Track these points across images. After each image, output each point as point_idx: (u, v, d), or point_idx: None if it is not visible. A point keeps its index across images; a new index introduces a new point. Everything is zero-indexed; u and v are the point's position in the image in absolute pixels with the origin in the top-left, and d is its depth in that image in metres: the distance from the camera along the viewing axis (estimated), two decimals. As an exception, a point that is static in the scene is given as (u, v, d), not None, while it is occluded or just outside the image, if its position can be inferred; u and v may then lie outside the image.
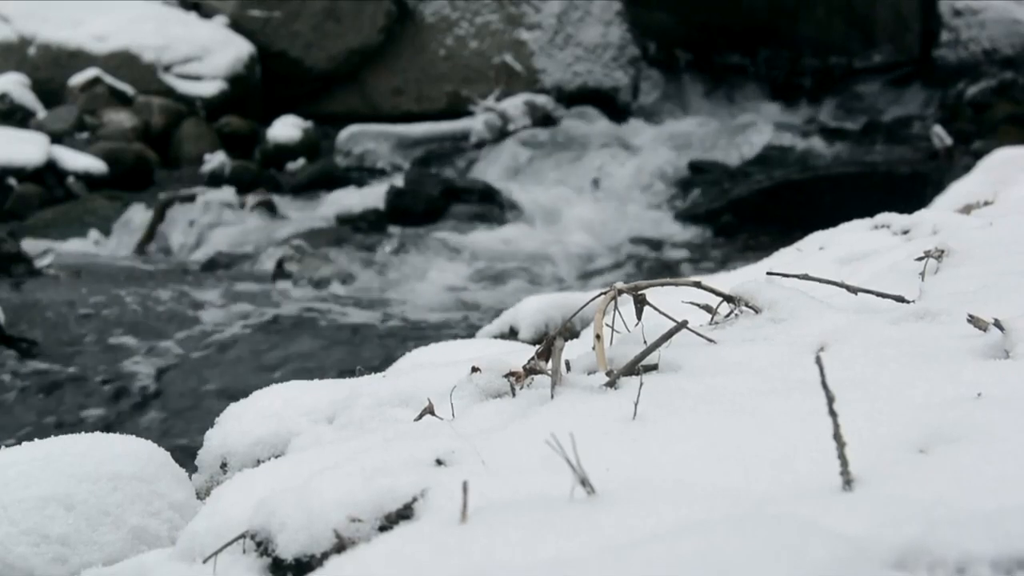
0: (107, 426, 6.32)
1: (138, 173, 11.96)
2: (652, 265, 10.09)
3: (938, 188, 8.22)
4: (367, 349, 7.74)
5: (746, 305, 2.34)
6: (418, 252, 10.14)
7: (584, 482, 1.45)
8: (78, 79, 12.98)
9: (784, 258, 3.91)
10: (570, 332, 3.57)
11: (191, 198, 11.09)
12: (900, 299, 2.33)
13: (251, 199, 11.24)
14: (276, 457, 2.27)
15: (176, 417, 6.65)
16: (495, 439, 1.80)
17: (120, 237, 10.61)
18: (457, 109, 13.88)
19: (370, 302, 8.94)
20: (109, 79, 13.02)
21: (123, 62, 13.35)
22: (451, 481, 1.59)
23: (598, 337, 2.09)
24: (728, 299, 2.39)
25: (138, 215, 10.91)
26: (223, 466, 2.57)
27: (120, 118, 12.63)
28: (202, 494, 2.50)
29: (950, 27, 15.02)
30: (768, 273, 2.55)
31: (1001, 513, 1.23)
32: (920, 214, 3.70)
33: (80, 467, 2.23)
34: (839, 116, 14.27)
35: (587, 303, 2.39)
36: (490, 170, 12.61)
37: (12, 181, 11.06)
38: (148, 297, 8.70)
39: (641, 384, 1.86)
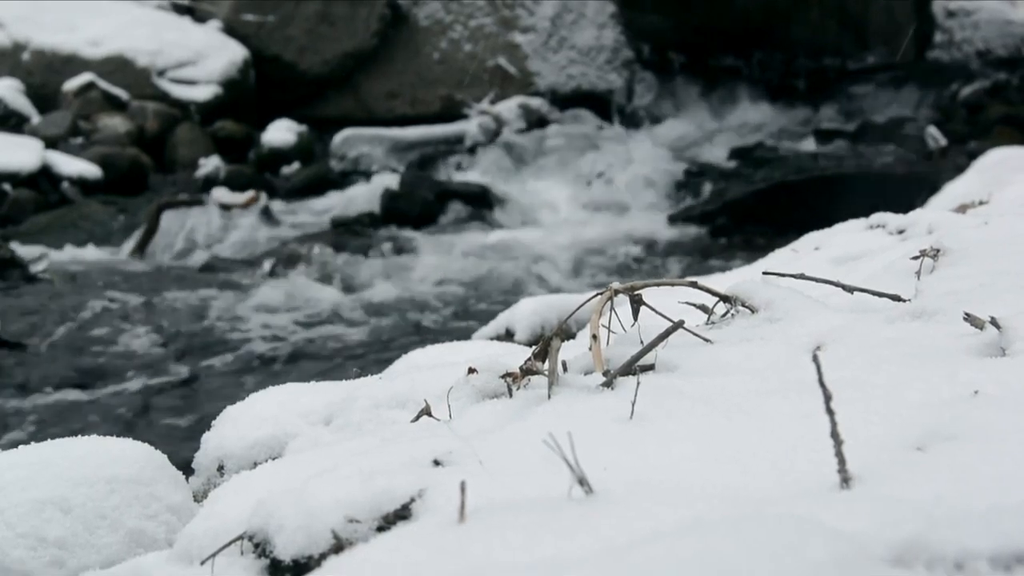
0: (103, 429, 6.31)
1: (133, 178, 11.94)
2: (647, 266, 10.10)
3: (932, 189, 8.22)
4: (363, 351, 7.73)
5: (742, 305, 2.34)
6: (413, 255, 10.14)
7: (582, 482, 1.45)
8: (72, 84, 12.96)
9: (780, 258, 3.91)
10: (566, 333, 3.57)
11: (186, 202, 11.08)
12: (896, 298, 2.33)
13: (246, 202, 11.23)
14: (273, 459, 2.27)
15: (173, 420, 6.64)
16: (492, 440, 1.80)
17: (115, 242, 10.60)
18: (451, 112, 13.88)
19: (365, 305, 8.94)
20: (103, 84, 13.01)
21: (117, 67, 13.34)
22: (449, 482, 1.59)
23: (595, 337, 2.09)
24: (724, 299, 2.39)
25: (133, 220, 10.90)
26: (220, 469, 2.57)
27: (114, 123, 12.61)
28: (199, 497, 2.49)
29: (943, 28, 15.04)
30: (764, 273, 2.55)
31: (999, 510, 1.23)
32: (915, 214, 3.70)
33: (77, 470, 2.23)
34: (833, 117, 14.28)
35: (583, 303, 2.39)
36: (485, 173, 12.61)
37: (7, 186, 11.05)
38: (144, 302, 8.70)
39: (638, 384, 1.86)
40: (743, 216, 11.17)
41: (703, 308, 2.46)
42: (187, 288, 9.20)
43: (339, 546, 1.58)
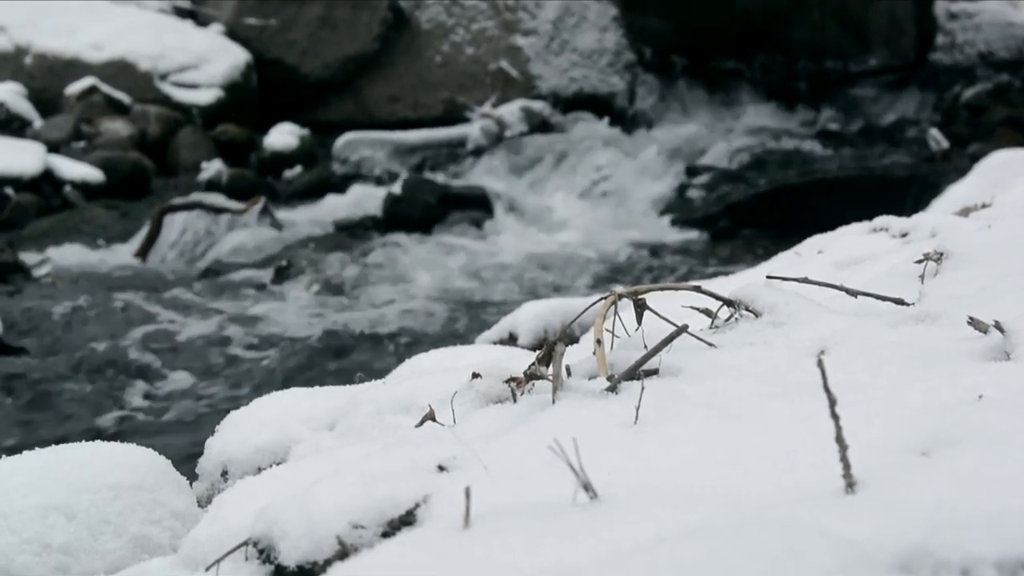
0: (107, 435, 6.31)
1: (135, 182, 11.95)
2: (650, 270, 10.10)
3: (935, 191, 8.22)
4: (366, 356, 7.73)
5: (746, 309, 2.34)
6: (416, 259, 10.14)
7: (587, 487, 1.45)
8: (74, 88, 12.97)
9: (783, 262, 3.91)
10: (570, 337, 3.58)
11: (188, 206, 11.08)
12: (900, 302, 2.33)
13: (248, 207, 11.23)
14: (277, 465, 2.27)
15: (176, 425, 6.64)
16: (496, 445, 1.80)
17: (117, 246, 10.61)
18: (453, 116, 13.88)
19: (368, 309, 8.94)
20: (105, 88, 13.02)
21: (119, 71, 13.35)
22: (453, 487, 1.59)
23: (599, 342, 2.09)
24: (728, 303, 2.39)
25: (135, 224, 10.91)
26: (224, 474, 2.57)
27: (116, 127, 12.62)
28: (203, 502, 2.49)
29: (945, 30, 15.04)
30: (768, 277, 2.54)
31: (1004, 515, 1.23)
32: (918, 217, 3.69)
33: (81, 476, 2.23)
34: (835, 120, 14.28)
35: (587, 308, 2.39)
36: (487, 176, 12.61)
37: (9, 191, 11.06)
38: (146, 306, 8.70)
39: (642, 389, 1.86)
40: (745, 219, 11.17)
41: (707, 312, 2.45)
42: (189, 292, 9.20)
43: (344, 552, 1.58)
